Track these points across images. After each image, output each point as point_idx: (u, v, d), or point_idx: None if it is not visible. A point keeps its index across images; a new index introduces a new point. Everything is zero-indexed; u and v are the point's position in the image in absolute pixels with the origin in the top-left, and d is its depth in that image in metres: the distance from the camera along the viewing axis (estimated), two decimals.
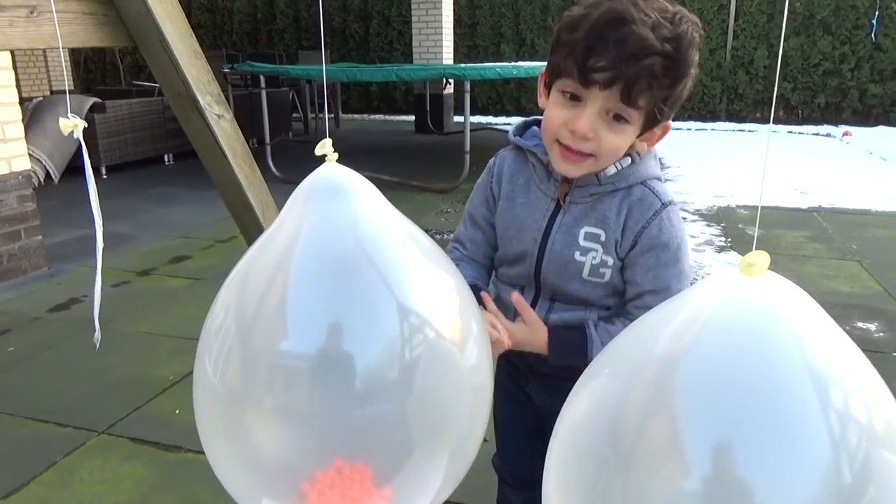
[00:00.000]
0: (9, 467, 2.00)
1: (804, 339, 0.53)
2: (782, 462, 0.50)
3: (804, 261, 3.98)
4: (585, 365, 1.09)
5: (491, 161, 1.17)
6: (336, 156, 0.73)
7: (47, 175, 5.95)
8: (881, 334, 2.97)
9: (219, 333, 0.72)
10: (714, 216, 5.04)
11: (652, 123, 0.98)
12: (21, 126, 3.67)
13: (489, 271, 1.22)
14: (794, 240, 4.42)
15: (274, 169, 6.19)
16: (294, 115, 9.64)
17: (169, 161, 7.09)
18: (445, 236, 4.46)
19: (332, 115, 10.56)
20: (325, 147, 0.72)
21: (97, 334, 1.02)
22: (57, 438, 2.14)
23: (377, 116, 11.74)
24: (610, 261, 1.05)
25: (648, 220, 1.02)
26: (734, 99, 10.84)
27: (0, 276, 3.53)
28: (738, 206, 5.34)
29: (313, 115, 9.78)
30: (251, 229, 2.20)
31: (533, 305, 1.13)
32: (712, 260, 3.98)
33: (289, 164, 6.76)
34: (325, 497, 0.68)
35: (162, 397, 2.40)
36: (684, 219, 4.96)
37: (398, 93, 12.05)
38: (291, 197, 0.73)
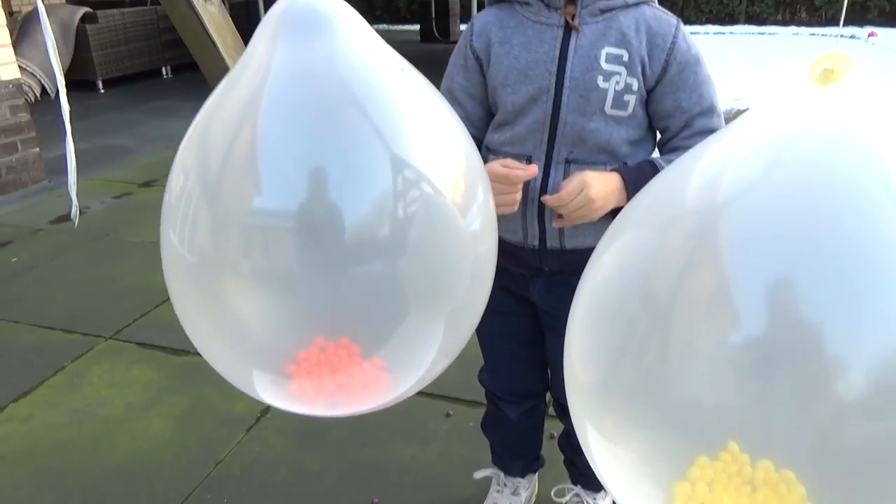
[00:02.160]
0: (18, 372, 1.99)
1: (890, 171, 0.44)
2: (856, 302, 0.42)
3: None
4: None
5: (467, 26, 1.08)
6: None
7: (43, 89, 5.78)
8: None
9: (181, 199, 0.63)
10: (733, 119, 4.86)
11: None
12: (6, 32, 3.50)
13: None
14: None
15: None
16: None
17: (167, 74, 6.87)
18: None
19: None
20: None
21: (74, 209, 0.94)
22: (64, 344, 2.12)
23: (381, 26, 11.29)
24: (634, 84, 0.98)
25: (674, 35, 0.98)
26: (754, 0, 10.32)
27: (0, 189, 3.46)
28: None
29: None
30: None
31: (545, 176, 1.02)
32: None
33: None
34: (314, 374, 0.61)
35: (168, 304, 2.34)
36: None
37: (402, 1, 11.55)
38: (257, 30, 0.62)
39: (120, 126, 4.92)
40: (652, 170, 0.99)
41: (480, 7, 5.40)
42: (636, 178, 0.98)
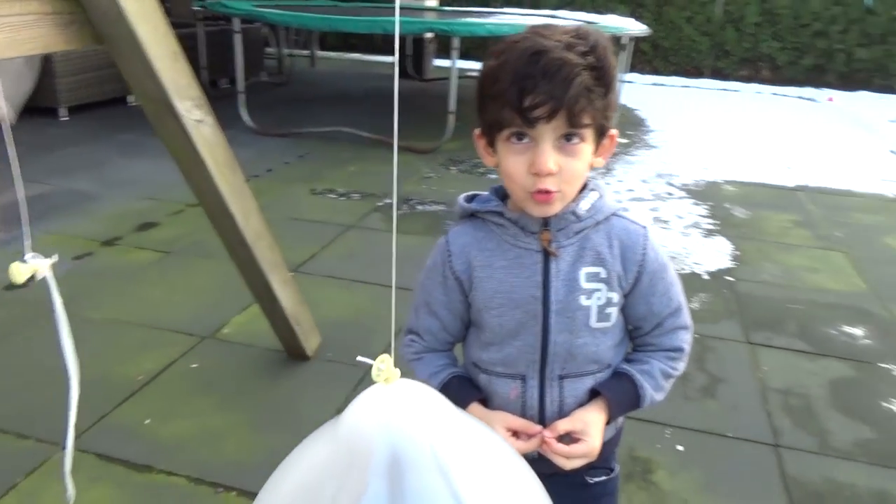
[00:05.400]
0: None
1: None
2: None
3: (790, 250, 3.93)
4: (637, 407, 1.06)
5: (441, 241, 1.09)
6: (398, 374, 0.55)
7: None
8: (867, 341, 2.95)
9: None
10: (701, 193, 4.95)
11: (602, 134, 0.98)
12: None
13: (453, 355, 1.16)
14: (780, 224, 4.36)
15: (247, 118, 5.88)
16: (267, 49, 9.18)
17: (133, 102, 6.69)
18: (429, 207, 4.30)
19: (308, 54, 10.09)
20: (381, 371, 0.54)
21: (70, 494, 0.87)
22: (17, 454, 2.00)
23: (355, 56, 11.26)
24: (615, 297, 1.03)
25: (643, 246, 1.03)
26: (721, 56, 10.63)
27: None
28: (725, 182, 5.25)
29: (287, 53, 9.32)
30: (231, 237, 2.04)
31: (541, 395, 1.05)
32: (699, 245, 3.91)
33: (263, 110, 6.44)
34: None
35: (130, 402, 2.26)
36: (671, 195, 4.89)
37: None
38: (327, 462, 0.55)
39: (83, 164, 4.76)
40: (632, 387, 1.05)
41: (461, 48, 5.49)
42: (620, 399, 1.05)
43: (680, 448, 2.19)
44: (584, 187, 1.04)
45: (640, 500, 1.95)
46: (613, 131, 1.01)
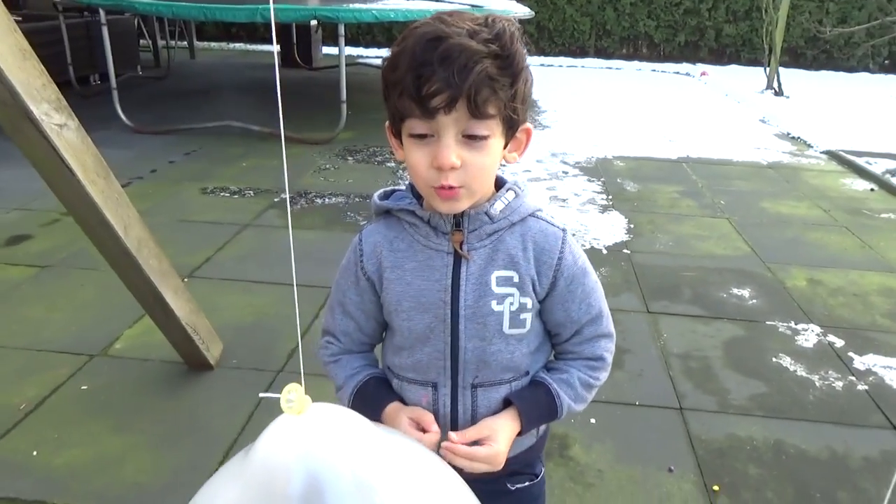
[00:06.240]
0: None
1: None
2: None
3: (679, 220, 4.12)
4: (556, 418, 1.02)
5: (354, 240, 1.04)
6: (309, 401, 0.50)
7: None
8: (754, 301, 3.14)
9: None
10: (594, 169, 5.10)
11: (512, 129, 0.92)
12: None
13: (372, 356, 1.12)
14: (668, 196, 4.56)
15: (123, 116, 5.51)
16: (141, 41, 8.64)
17: None
18: (328, 200, 4.18)
19: (186, 44, 9.58)
20: (291, 402, 0.48)
21: None
22: None
23: (237, 45, 10.79)
24: (528, 303, 0.98)
25: (560, 250, 0.98)
26: (602, 35, 11.01)
27: None
28: (614, 158, 5.44)
29: (164, 44, 8.82)
30: (112, 248, 1.88)
31: (453, 403, 1.01)
32: (596, 221, 4.03)
33: (141, 107, 6.07)
34: None
35: (14, 434, 2.06)
36: (566, 173, 5.01)
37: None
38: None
39: None
40: (548, 397, 1.02)
41: (348, 33, 5.31)
42: (534, 409, 1.01)
43: (593, 421, 2.25)
44: (502, 186, 0.99)
45: (559, 476, 1.99)
46: (527, 125, 0.94)
